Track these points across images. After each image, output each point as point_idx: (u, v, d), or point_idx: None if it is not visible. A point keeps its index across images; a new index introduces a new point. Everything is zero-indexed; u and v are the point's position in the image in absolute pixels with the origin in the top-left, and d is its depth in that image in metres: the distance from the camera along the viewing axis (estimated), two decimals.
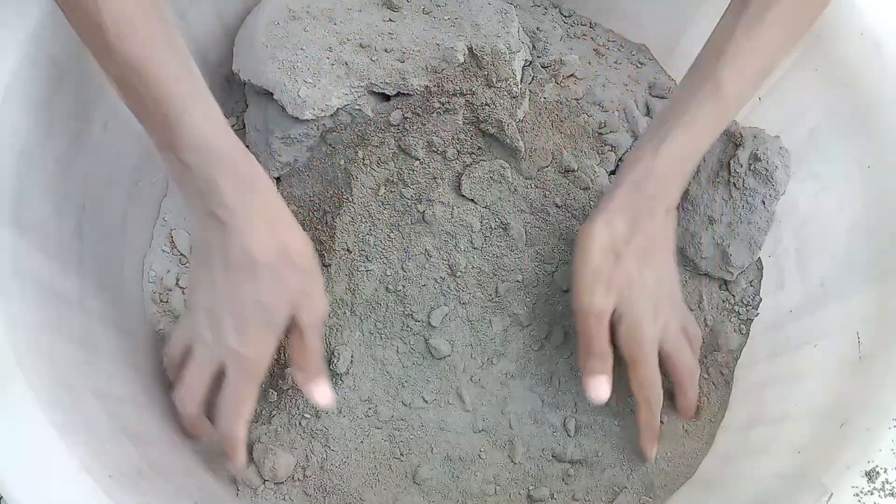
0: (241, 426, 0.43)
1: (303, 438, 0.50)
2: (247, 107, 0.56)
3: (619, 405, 0.51)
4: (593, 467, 0.51)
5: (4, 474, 0.34)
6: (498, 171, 0.53)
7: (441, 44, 0.52)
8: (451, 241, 0.53)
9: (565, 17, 0.65)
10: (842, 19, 0.50)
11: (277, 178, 0.54)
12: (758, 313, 0.56)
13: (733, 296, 0.56)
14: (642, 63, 0.63)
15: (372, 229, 0.53)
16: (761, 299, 0.56)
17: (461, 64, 0.52)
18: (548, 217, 0.54)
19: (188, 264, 0.54)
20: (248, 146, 0.48)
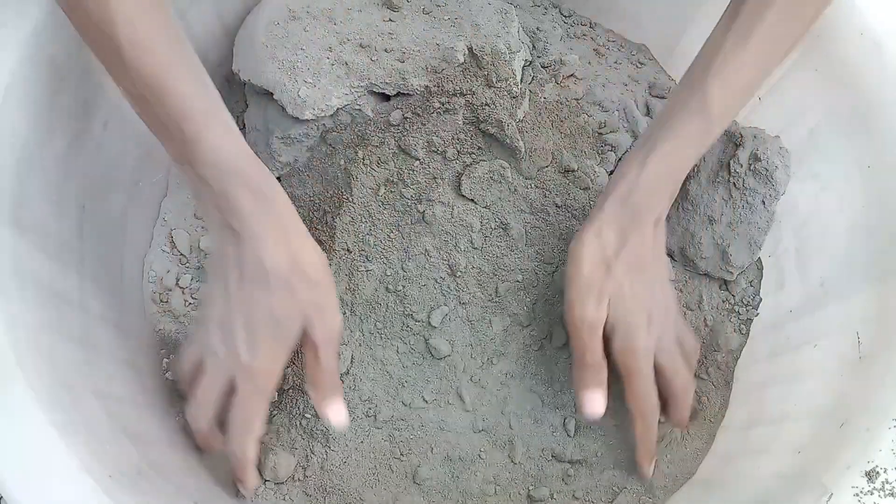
0: (250, 444, 0.43)
1: (303, 438, 0.50)
2: (247, 107, 0.56)
3: (616, 403, 0.51)
4: (593, 467, 0.51)
5: (4, 474, 0.34)
6: (498, 171, 0.53)
7: (441, 44, 0.52)
8: (451, 241, 0.53)
9: (565, 17, 0.65)
10: (842, 19, 0.50)
11: (277, 178, 0.54)
12: (758, 313, 0.56)
13: (733, 296, 0.56)
14: (642, 63, 0.63)
15: (372, 229, 0.53)
16: (761, 299, 0.56)
17: (461, 64, 0.52)
18: (548, 217, 0.54)
19: (188, 264, 0.54)
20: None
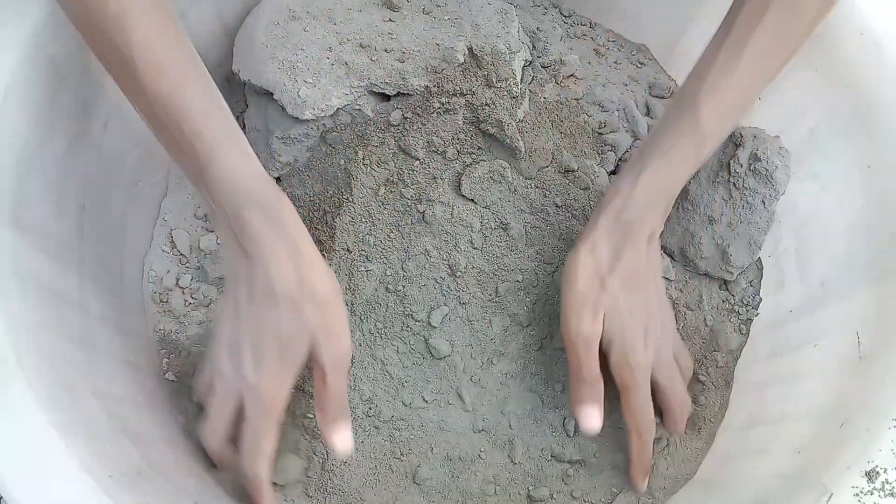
0: (262, 464, 0.42)
1: (305, 439, 0.50)
2: (247, 107, 0.56)
3: (615, 404, 0.51)
4: (593, 468, 0.51)
5: (4, 474, 0.34)
6: (498, 171, 0.53)
7: (441, 44, 0.52)
8: (451, 241, 0.53)
9: (565, 17, 0.65)
10: (842, 19, 0.50)
11: (278, 178, 0.54)
12: (758, 313, 0.56)
13: (733, 296, 0.56)
14: (642, 63, 0.63)
15: (372, 229, 0.53)
16: (761, 299, 0.56)
17: (461, 64, 0.52)
18: (548, 217, 0.54)
19: (188, 264, 0.54)
20: None
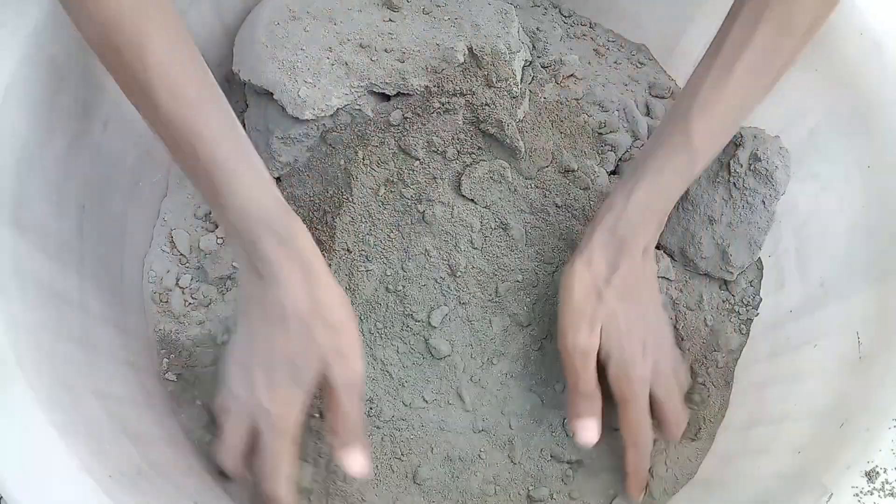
0: (281, 485, 0.42)
1: (312, 442, 0.50)
2: (247, 107, 0.56)
3: (611, 406, 0.51)
4: (592, 468, 0.51)
5: (4, 474, 0.34)
6: (498, 171, 0.53)
7: (441, 44, 0.52)
8: (451, 241, 0.53)
9: (565, 17, 0.65)
10: (842, 19, 0.50)
11: (278, 178, 0.54)
12: (758, 313, 0.56)
13: (733, 296, 0.56)
14: (642, 63, 0.63)
15: (372, 229, 0.53)
16: (761, 299, 0.56)
17: (461, 64, 0.52)
18: (548, 217, 0.54)
19: (188, 264, 0.54)
20: None
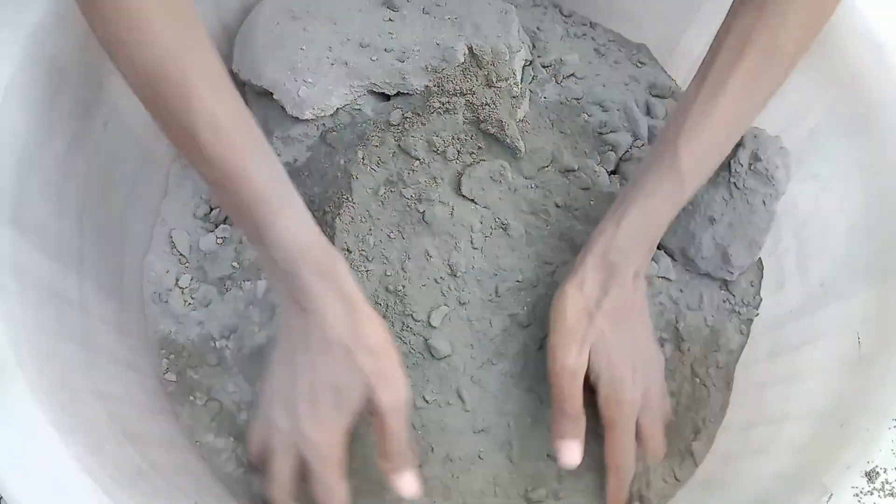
0: None
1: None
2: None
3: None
4: (591, 468, 0.51)
5: (4, 474, 0.34)
6: (498, 171, 0.53)
7: (441, 43, 0.52)
8: (451, 241, 0.53)
9: (565, 16, 0.65)
10: (842, 20, 0.50)
11: None
12: (758, 313, 0.56)
13: (734, 296, 0.56)
14: (642, 63, 0.63)
15: (372, 229, 0.53)
16: (761, 299, 0.56)
17: (461, 64, 0.52)
18: (548, 217, 0.54)
19: (188, 264, 0.54)
20: None
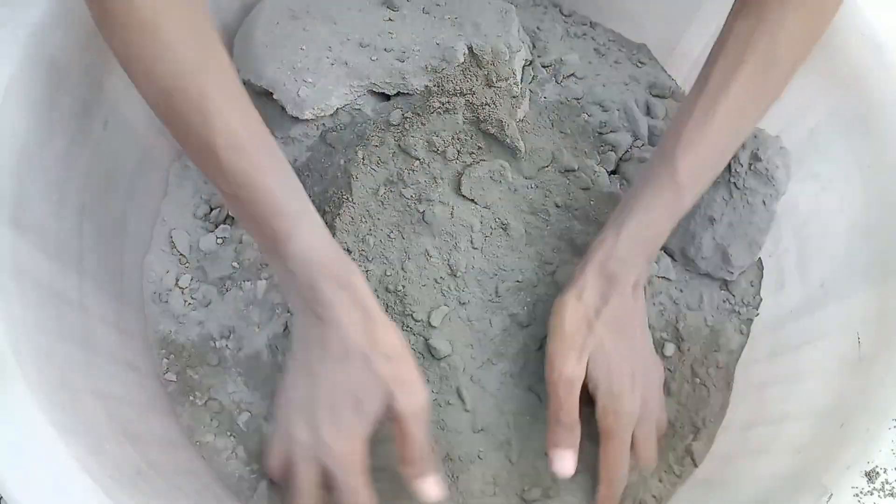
0: None
1: None
2: None
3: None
4: (584, 469, 0.51)
5: (4, 474, 0.34)
6: (498, 171, 0.53)
7: (441, 43, 0.52)
8: (451, 241, 0.53)
9: (565, 16, 0.65)
10: (843, 20, 0.50)
11: None
12: (758, 313, 0.56)
13: (734, 296, 0.56)
14: (642, 63, 0.63)
15: (372, 229, 0.53)
16: (761, 299, 0.56)
17: (461, 63, 0.52)
18: (548, 217, 0.54)
19: (188, 264, 0.54)
20: None
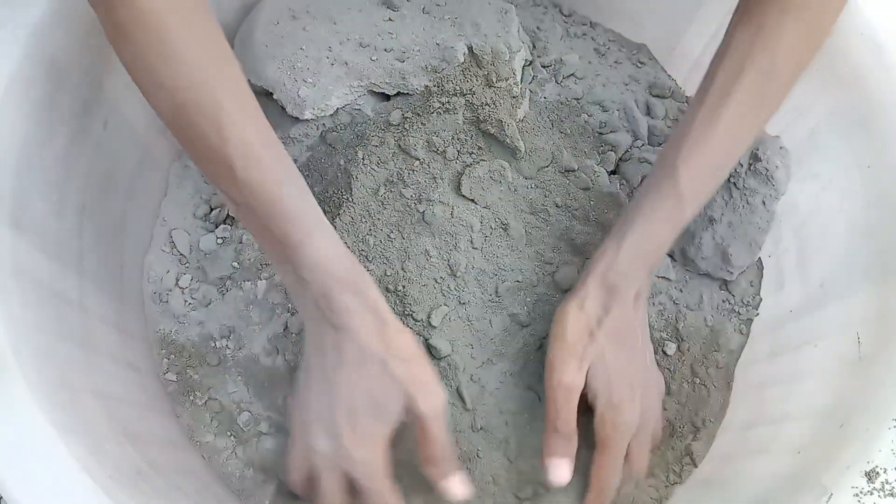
0: None
1: None
2: None
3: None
4: (583, 469, 0.51)
5: (4, 474, 0.35)
6: (498, 171, 0.53)
7: (441, 43, 0.52)
8: (451, 241, 0.53)
9: (565, 16, 0.65)
10: (843, 20, 0.50)
11: None
12: (758, 313, 0.56)
13: (733, 296, 0.56)
14: (642, 63, 0.63)
15: (372, 229, 0.53)
16: (761, 299, 0.56)
17: (461, 63, 0.52)
18: (548, 217, 0.54)
19: (188, 264, 0.54)
20: None
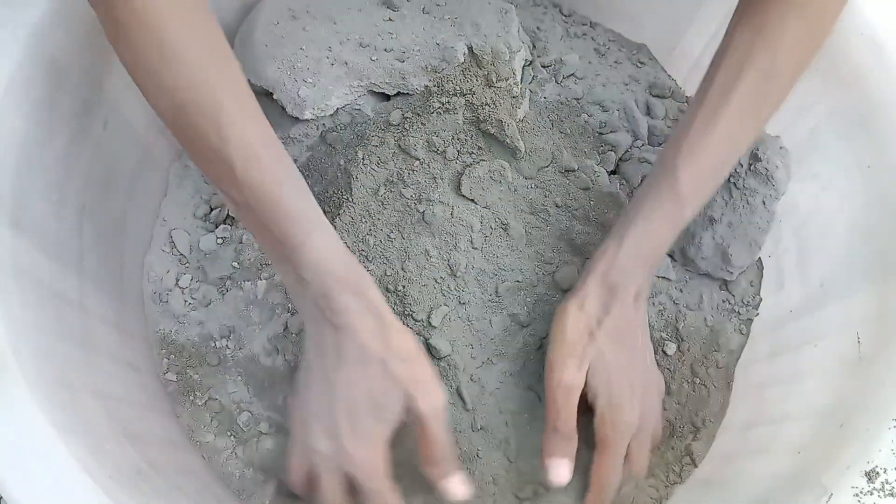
0: None
1: None
2: None
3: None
4: (583, 469, 0.51)
5: (4, 474, 0.35)
6: (498, 171, 0.53)
7: (441, 43, 0.52)
8: (451, 241, 0.53)
9: (565, 16, 0.65)
10: (843, 20, 0.50)
11: None
12: (758, 313, 0.56)
13: (733, 296, 0.56)
14: (642, 63, 0.63)
15: (372, 229, 0.53)
16: (761, 299, 0.56)
17: (461, 63, 0.52)
18: (548, 217, 0.54)
19: (188, 264, 0.54)
20: None
